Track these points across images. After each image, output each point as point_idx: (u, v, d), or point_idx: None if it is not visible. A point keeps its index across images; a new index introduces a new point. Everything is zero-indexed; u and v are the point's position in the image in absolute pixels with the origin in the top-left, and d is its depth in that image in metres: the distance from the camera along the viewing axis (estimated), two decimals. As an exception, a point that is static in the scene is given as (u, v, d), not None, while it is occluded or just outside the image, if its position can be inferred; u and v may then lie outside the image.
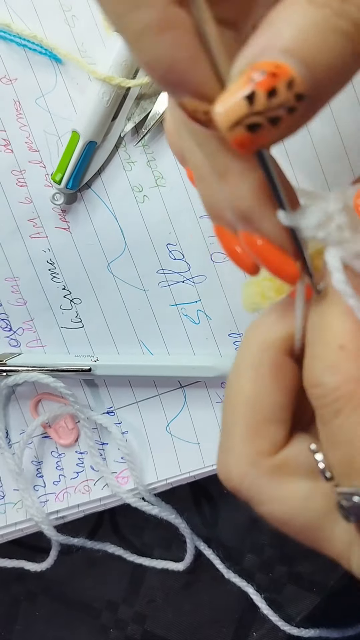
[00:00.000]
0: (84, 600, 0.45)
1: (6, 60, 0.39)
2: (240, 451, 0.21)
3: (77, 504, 0.42)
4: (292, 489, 0.21)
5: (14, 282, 0.41)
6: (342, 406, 0.19)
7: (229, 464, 0.22)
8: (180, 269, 0.40)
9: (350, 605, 0.43)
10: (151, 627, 0.44)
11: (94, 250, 0.40)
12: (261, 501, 0.22)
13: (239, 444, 0.21)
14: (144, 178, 0.39)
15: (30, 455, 0.42)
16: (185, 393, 0.41)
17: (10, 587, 0.45)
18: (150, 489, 0.41)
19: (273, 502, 0.22)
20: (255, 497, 0.22)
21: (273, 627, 0.42)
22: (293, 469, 0.21)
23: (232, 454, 0.21)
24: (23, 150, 0.39)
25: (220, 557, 0.42)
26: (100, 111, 0.38)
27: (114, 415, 0.41)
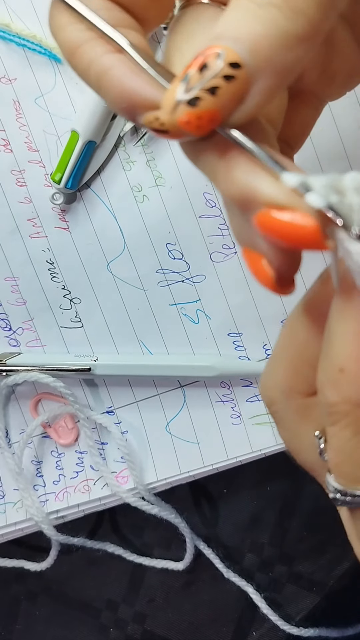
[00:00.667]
0: (84, 600, 0.45)
1: (5, 60, 0.39)
2: (279, 380, 0.24)
3: (77, 503, 0.42)
4: (307, 431, 0.23)
5: (14, 282, 0.41)
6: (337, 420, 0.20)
7: (268, 387, 0.24)
8: (180, 268, 0.40)
9: (350, 605, 0.43)
10: (151, 626, 0.44)
11: (93, 249, 0.40)
12: (281, 427, 0.25)
13: (281, 374, 0.24)
14: (143, 178, 0.39)
15: (30, 454, 0.42)
16: (185, 393, 0.41)
17: (11, 587, 0.45)
18: (149, 489, 0.41)
19: (290, 432, 0.24)
20: (278, 421, 0.25)
21: (273, 627, 0.42)
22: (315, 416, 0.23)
23: (273, 379, 0.24)
24: (22, 150, 0.39)
25: (220, 557, 0.42)
26: (100, 111, 0.38)
27: (114, 415, 0.41)
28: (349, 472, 0.21)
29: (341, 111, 0.37)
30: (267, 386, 0.24)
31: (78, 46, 0.20)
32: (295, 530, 0.43)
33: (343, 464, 0.21)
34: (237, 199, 0.19)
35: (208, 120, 0.18)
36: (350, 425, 0.20)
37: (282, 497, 0.43)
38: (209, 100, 0.17)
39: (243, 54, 0.17)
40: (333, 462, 0.21)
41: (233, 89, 0.17)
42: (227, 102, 0.17)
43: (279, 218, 0.18)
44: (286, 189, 0.18)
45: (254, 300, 0.39)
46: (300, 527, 0.43)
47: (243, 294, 0.40)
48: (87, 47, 0.19)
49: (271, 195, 0.18)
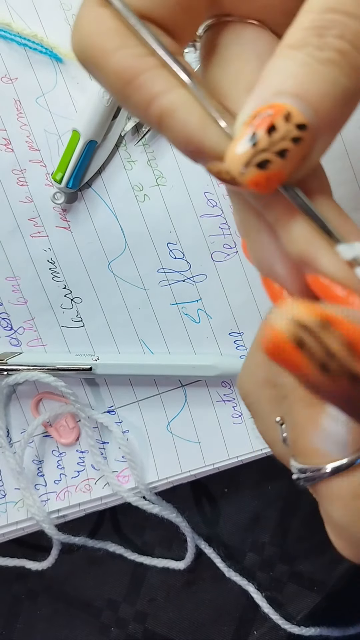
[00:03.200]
0: (85, 599, 0.45)
1: (6, 60, 0.39)
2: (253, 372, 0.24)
3: (78, 502, 0.42)
4: None
5: (15, 282, 0.41)
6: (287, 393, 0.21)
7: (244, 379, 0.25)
8: (181, 268, 0.40)
9: (351, 604, 0.43)
10: (152, 625, 0.44)
11: (94, 249, 0.40)
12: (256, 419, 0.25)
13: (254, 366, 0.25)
14: (144, 177, 0.39)
15: (31, 454, 0.42)
16: (186, 392, 0.41)
17: (12, 586, 0.45)
18: (151, 488, 0.41)
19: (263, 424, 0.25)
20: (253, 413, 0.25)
21: (274, 626, 0.42)
22: None
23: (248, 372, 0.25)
24: (23, 150, 0.39)
25: (221, 556, 0.42)
26: (101, 110, 0.38)
27: (115, 414, 0.41)
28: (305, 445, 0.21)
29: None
30: (242, 379, 0.25)
31: (136, 76, 0.18)
32: (296, 529, 0.43)
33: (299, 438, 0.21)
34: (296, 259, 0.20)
35: (276, 181, 0.18)
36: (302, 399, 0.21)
37: (283, 496, 0.43)
38: (278, 163, 0.17)
39: (308, 114, 0.17)
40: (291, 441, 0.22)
41: (301, 151, 0.18)
42: (294, 163, 0.18)
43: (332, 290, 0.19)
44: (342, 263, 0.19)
45: (255, 299, 0.40)
46: (301, 527, 0.43)
47: (244, 294, 0.40)
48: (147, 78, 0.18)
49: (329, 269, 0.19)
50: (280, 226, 0.19)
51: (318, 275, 0.19)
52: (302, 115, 0.17)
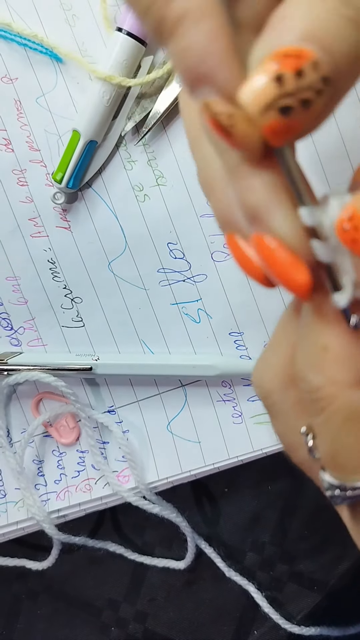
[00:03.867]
0: (85, 599, 0.45)
1: (7, 60, 0.39)
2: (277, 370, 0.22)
3: (78, 502, 0.42)
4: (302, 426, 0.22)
5: (15, 282, 0.41)
6: (324, 406, 0.19)
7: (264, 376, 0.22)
8: (181, 268, 0.40)
9: (351, 604, 0.43)
10: (152, 625, 0.44)
11: (94, 249, 0.40)
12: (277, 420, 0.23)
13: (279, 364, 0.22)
14: (144, 177, 0.39)
15: (31, 454, 0.42)
16: (186, 392, 0.41)
17: (12, 586, 0.46)
18: (151, 488, 0.41)
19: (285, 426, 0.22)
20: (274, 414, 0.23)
21: (274, 626, 0.42)
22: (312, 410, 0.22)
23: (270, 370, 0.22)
24: (24, 150, 0.39)
25: (221, 556, 0.42)
26: (101, 110, 0.38)
27: (115, 414, 0.41)
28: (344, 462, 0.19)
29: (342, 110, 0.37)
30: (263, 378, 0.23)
31: None
32: (297, 529, 0.43)
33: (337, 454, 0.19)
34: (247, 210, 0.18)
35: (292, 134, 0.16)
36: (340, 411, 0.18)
37: (283, 496, 0.43)
38: (300, 114, 0.16)
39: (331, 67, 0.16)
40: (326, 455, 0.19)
41: (321, 107, 0.16)
42: (314, 120, 0.16)
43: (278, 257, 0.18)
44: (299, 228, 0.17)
45: (255, 299, 0.40)
46: (301, 526, 0.43)
47: (244, 294, 0.40)
48: None
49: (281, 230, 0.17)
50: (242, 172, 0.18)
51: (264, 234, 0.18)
52: (328, 68, 0.16)
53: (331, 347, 0.18)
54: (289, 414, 0.22)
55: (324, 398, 0.19)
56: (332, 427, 0.19)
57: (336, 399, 0.18)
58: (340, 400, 0.18)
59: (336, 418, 0.19)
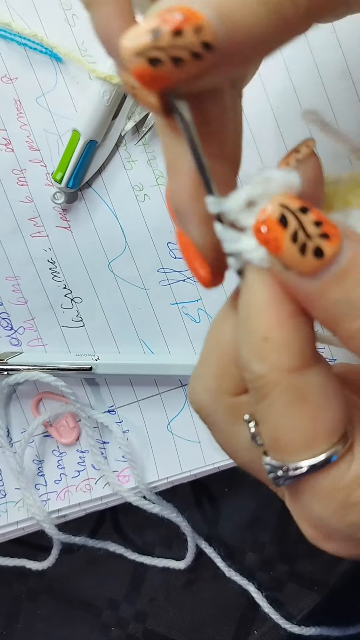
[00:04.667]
0: (86, 599, 0.45)
1: (7, 60, 0.39)
2: (207, 384, 0.24)
3: (79, 502, 0.42)
4: (240, 430, 0.23)
5: (15, 281, 0.41)
6: (268, 392, 0.20)
7: (197, 391, 0.24)
8: (181, 267, 0.40)
9: (351, 604, 0.43)
10: (152, 625, 0.44)
11: (94, 249, 0.40)
12: (214, 430, 0.24)
13: (208, 377, 0.24)
14: (144, 177, 0.39)
15: (31, 454, 0.42)
16: (186, 392, 0.41)
17: (12, 586, 0.46)
18: (151, 488, 0.41)
19: (223, 435, 0.24)
20: (210, 425, 0.24)
21: (274, 626, 0.42)
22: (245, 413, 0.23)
23: (201, 384, 0.24)
24: (24, 150, 0.39)
25: (221, 556, 0.42)
26: (101, 110, 0.38)
27: (115, 414, 0.41)
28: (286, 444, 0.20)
29: (342, 110, 0.37)
30: (195, 391, 0.24)
31: None
32: (297, 529, 0.42)
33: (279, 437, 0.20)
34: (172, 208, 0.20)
35: (159, 83, 0.17)
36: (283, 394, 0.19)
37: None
38: (168, 69, 0.17)
39: (220, 38, 0.17)
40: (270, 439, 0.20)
41: (195, 69, 0.17)
42: (184, 76, 0.17)
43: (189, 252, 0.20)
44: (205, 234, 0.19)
45: (255, 299, 0.39)
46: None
47: (244, 293, 0.40)
48: None
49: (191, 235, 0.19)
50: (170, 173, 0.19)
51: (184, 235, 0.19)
52: (213, 36, 0.16)
53: (271, 336, 0.19)
54: (223, 422, 0.23)
55: (267, 384, 0.20)
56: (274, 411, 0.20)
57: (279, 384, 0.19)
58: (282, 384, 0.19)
59: (278, 402, 0.20)
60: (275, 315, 0.19)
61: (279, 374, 0.19)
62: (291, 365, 0.19)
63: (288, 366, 0.19)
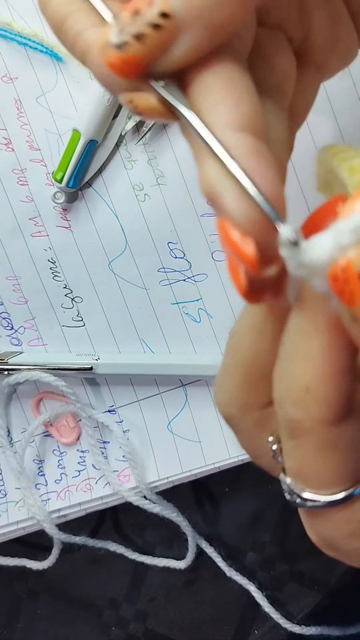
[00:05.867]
0: (86, 599, 0.45)
1: (7, 59, 0.39)
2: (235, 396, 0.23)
3: (79, 502, 0.42)
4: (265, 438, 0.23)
5: (15, 281, 0.41)
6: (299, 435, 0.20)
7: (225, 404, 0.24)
8: (182, 267, 0.40)
9: (352, 603, 0.43)
10: (153, 625, 0.44)
11: (95, 248, 0.40)
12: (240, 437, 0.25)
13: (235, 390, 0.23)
14: (145, 177, 0.39)
15: (31, 453, 0.42)
16: (187, 391, 0.41)
17: (12, 586, 0.46)
18: (151, 487, 0.41)
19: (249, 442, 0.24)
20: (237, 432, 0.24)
21: (274, 625, 0.42)
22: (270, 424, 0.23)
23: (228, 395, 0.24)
24: (24, 149, 0.39)
25: (221, 555, 0.42)
26: (101, 110, 0.38)
27: (116, 414, 0.41)
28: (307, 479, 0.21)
29: (342, 110, 0.37)
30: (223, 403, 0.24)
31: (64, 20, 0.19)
32: (297, 528, 0.42)
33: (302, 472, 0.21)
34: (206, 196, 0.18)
35: (133, 65, 0.18)
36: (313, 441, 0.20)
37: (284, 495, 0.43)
38: (134, 47, 0.17)
39: (176, 4, 0.17)
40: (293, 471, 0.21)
41: (158, 39, 0.17)
42: (151, 50, 0.18)
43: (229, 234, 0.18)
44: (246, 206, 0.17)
45: (256, 299, 0.39)
46: (301, 526, 0.42)
47: (245, 293, 0.40)
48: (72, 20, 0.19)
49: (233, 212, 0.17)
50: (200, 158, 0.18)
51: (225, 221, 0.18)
52: (168, 4, 0.17)
53: (313, 389, 0.19)
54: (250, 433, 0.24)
55: (300, 429, 0.20)
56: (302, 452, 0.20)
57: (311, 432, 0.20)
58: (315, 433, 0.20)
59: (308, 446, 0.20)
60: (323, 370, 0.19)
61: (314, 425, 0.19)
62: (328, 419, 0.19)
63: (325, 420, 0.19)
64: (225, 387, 0.24)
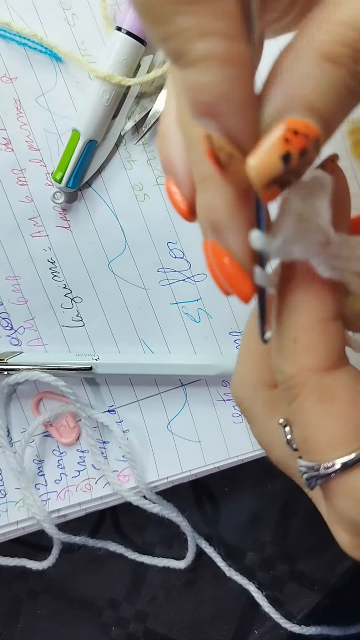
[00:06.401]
0: (86, 599, 0.45)
1: (6, 59, 0.39)
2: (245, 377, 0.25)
3: (79, 502, 0.42)
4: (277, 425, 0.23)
5: (15, 281, 0.41)
6: (298, 392, 0.20)
7: (236, 386, 0.25)
8: (181, 267, 0.40)
9: (352, 603, 0.43)
10: (153, 625, 0.44)
11: (94, 248, 0.40)
12: (253, 424, 0.25)
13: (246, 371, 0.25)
14: (144, 177, 0.39)
15: (31, 453, 0.42)
16: (186, 391, 0.41)
17: (12, 586, 0.46)
18: (151, 487, 0.41)
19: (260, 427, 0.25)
20: (249, 418, 0.25)
21: (274, 625, 0.42)
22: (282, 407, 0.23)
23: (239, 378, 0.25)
24: (23, 149, 0.39)
25: (221, 555, 0.42)
26: (101, 110, 0.38)
27: (115, 414, 0.41)
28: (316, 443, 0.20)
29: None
30: (235, 386, 0.25)
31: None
32: (297, 528, 0.43)
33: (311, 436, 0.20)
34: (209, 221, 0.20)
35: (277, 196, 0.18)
36: (311, 393, 0.20)
37: (284, 495, 0.43)
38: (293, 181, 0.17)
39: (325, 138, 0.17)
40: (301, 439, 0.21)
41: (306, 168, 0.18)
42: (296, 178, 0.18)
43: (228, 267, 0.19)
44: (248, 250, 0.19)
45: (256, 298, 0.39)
46: (301, 526, 0.43)
47: (244, 293, 0.40)
48: None
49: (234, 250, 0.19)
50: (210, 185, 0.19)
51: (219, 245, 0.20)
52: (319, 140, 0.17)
53: (299, 337, 0.20)
54: (260, 416, 0.24)
55: (297, 385, 0.20)
56: (304, 411, 0.20)
57: (307, 384, 0.20)
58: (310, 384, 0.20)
59: (307, 402, 0.20)
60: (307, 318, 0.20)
61: (307, 375, 0.20)
62: (319, 365, 0.20)
63: (316, 366, 0.20)
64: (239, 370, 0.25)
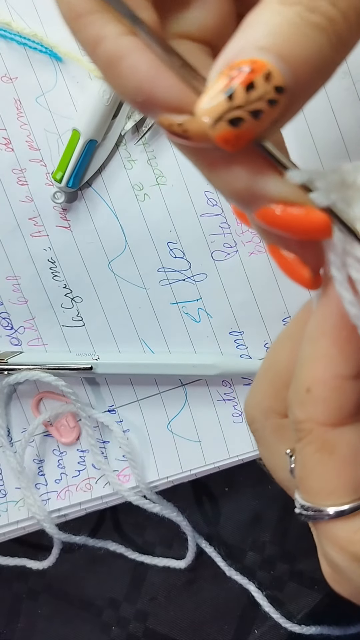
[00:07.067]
0: (86, 598, 0.45)
1: (6, 59, 0.39)
2: (260, 401, 0.25)
3: (79, 502, 0.42)
4: (283, 450, 0.24)
5: (15, 281, 0.41)
6: (303, 437, 0.21)
7: (250, 406, 0.26)
8: (181, 267, 0.40)
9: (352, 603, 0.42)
10: (153, 624, 0.44)
11: (94, 248, 0.40)
12: (260, 445, 0.26)
13: (261, 395, 0.25)
14: (144, 176, 0.39)
15: (31, 453, 0.42)
16: (186, 391, 0.41)
17: (12, 586, 0.46)
18: (151, 487, 0.41)
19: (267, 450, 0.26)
20: (258, 439, 0.26)
21: (274, 625, 0.42)
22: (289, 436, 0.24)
23: (254, 399, 0.26)
24: (24, 149, 0.39)
25: (221, 555, 0.42)
26: (101, 110, 0.38)
27: (115, 414, 0.41)
28: (309, 486, 0.22)
29: (342, 110, 0.37)
30: (249, 405, 0.26)
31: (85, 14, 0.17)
32: (297, 528, 0.43)
33: (306, 478, 0.22)
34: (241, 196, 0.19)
35: (245, 140, 0.17)
36: (313, 442, 0.21)
37: (284, 495, 0.42)
38: (251, 123, 0.17)
39: (288, 77, 0.17)
40: (298, 477, 0.22)
41: (275, 115, 0.17)
42: (267, 127, 0.17)
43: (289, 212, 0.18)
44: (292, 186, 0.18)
45: (255, 298, 0.40)
46: (301, 525, 0.42)
47: (244, 293, 0.40)
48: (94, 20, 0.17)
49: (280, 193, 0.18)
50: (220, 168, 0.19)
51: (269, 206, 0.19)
52: (282, 77, 0.16)
53: (314, 389, 0.21)
54: (269, 440, 0.25)
55: (303, 430, 0.21)
56: (304, 455, 0.22)
57: (311, 433, 0.21)
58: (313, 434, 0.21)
59: (308, 449, 0.21)
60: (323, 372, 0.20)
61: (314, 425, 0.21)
62: (326, 420, 0.21)
63: (323, 421, 0.21)
64: (254, 390, 0.26)
